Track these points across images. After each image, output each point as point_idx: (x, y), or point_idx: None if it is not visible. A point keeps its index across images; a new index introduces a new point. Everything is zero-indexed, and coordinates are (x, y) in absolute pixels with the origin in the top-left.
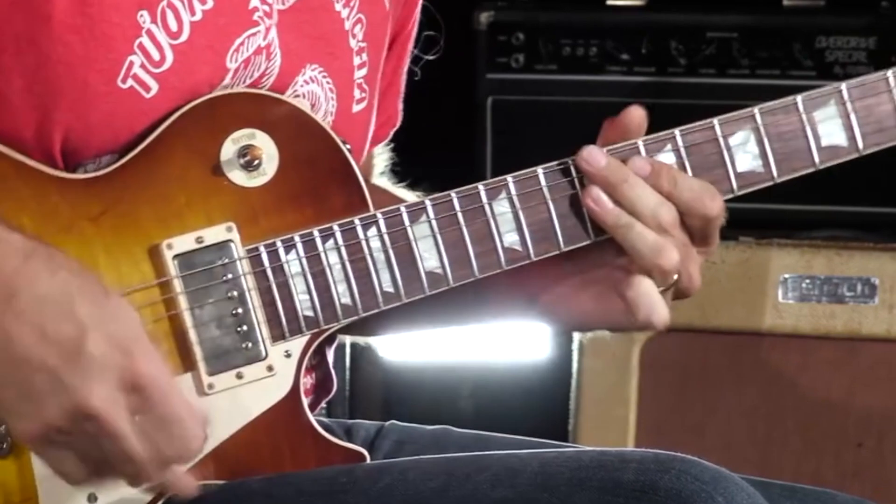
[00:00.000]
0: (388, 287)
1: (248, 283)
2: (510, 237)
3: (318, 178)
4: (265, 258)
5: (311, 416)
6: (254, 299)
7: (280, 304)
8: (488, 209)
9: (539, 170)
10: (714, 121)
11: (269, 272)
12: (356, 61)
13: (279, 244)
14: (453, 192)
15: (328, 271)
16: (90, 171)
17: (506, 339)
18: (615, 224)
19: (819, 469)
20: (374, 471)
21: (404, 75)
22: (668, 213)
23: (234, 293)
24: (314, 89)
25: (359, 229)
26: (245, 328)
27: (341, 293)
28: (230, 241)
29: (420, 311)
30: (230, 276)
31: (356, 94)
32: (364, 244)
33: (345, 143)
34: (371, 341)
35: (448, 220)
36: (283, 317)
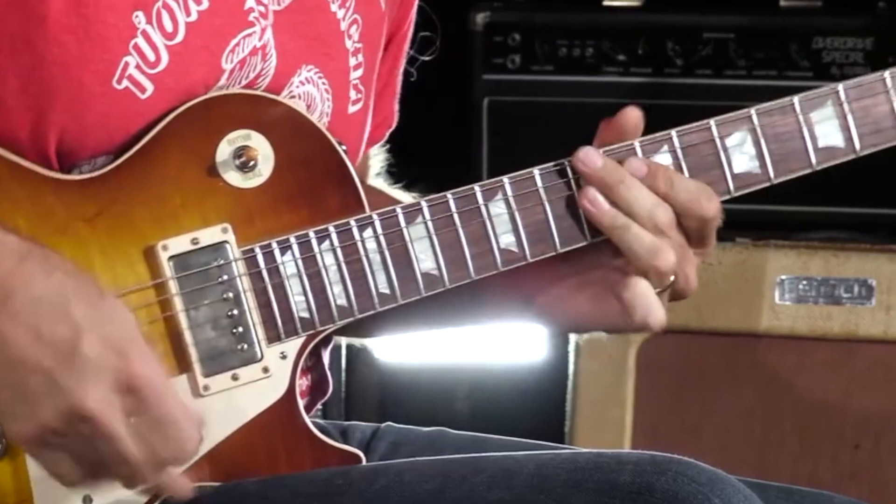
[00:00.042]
0: (384, 288)
1: (244, 285)
2: (506, 238)
3: (313, 179)
4: (261, 259)
5: (306, 418)
6: (249, 301)
7: (276, 306)
8: (484, 210)
9: (535, 171)
10: (711, 122)
11: (264, 273)
12: (352, 62)
13: (275, 245)
14: (449, 194)
15: (324, 272)
16: (85, 172)
17: (502, 341)
18: (611, 225)
19: (816, 471)
20: (370, 472)
21: (400, 76)
22: (665, 215)
23: (230, 294)
24: (310, 90)
25: (355, 230)
26: (240, 329)
27: (337, 294)
28: (226, 242)
29: (416, 313)
30: (226, 278)
31: (352, 94)
32: (360, 245)
33: (340, 143)
34: (367, 342)
35: (444, 221)
36: (278, 318)
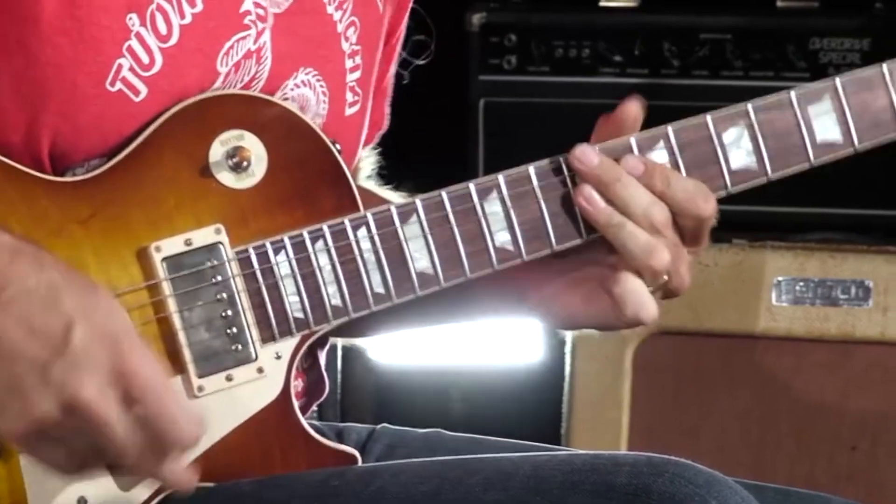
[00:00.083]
0: (379, 288)
1: (238, 285)
2: (502, 237)
3: (307, 180)
4: (254, 260)
5: (301, 418)
6: (243, 301)
7: (270, 306)
8: (479, 209)
9: (530, 168)
10: (707, 117)
11: (258, 274)
12: (348, 64)
13: (268, 246)
14: (444, 192)
15: (318, 273)
16: (79, 175)
17: (498, 342)
18: (607, 223)
19: (813, 472)
20: (366, 473)
21: (392, 79)
22: (661, 213)
23: (224, 295)
24: (305, 92)
25: (349, 230)
26: (235, 330)
27: (331, 294)
28: (219, 243)
29: (410, 310)
30: (219, 279)
31: (349, 97)
32: (354, 245)
33: (334, 143)
34: (361, 342)
35: (439, 220)
36: (272, 319)
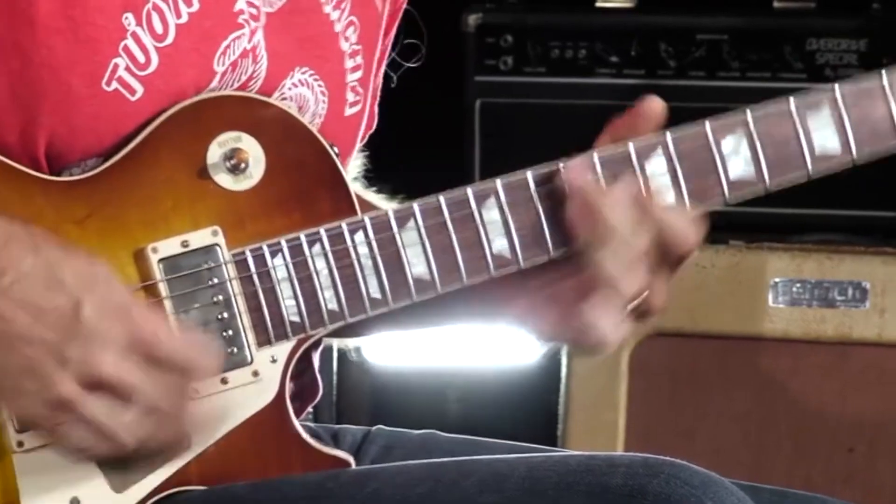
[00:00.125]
0: (376, 293)
1: (234, 288)
2: (499, 243)
3: (305, 182)
4: (251, 263)
5: (296, 423)
6: (239, 304)
7: (266, 310)
8: (477, 215)
9: (528, 173)
10: (706, 126)
11: (255, 277)
12: (349, 64)
13: (265, 249)
14: (442, 197)
15: (315, 277)
16: (75, 175)
17: (494, 343)
18: (588, 241)
19: (810, 474)
20: (361, 476)
21: (381, 79)
22: (643, 239)
23: (220, 297)
24: (303, 92)
25: (346, 234)
26: (230, 333)
27: (328, 299)
28: (216, 245)
29: (401, 312)
30: (216, 281)
31: (349, 97)
32: (351, 249)
33: (332, 146)
34: (355, 343)
35: (436, 225)
36: (268, 322)
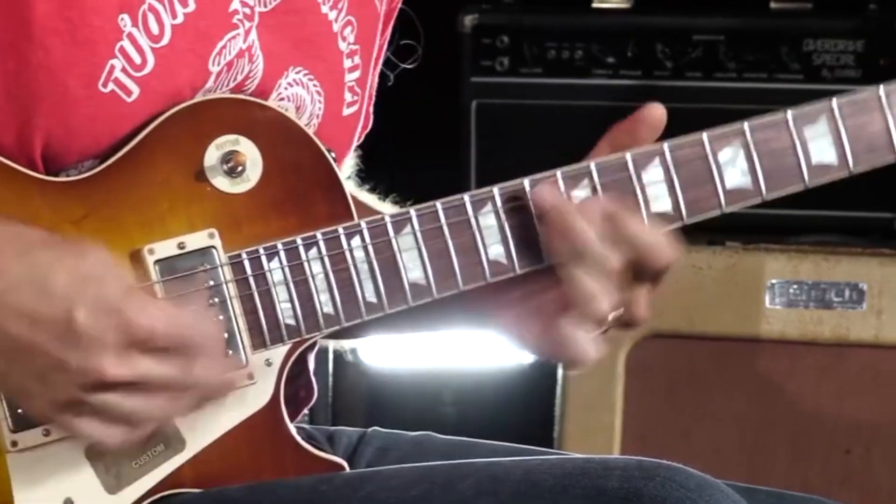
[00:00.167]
0: (372, 297)
1: (230, 291)
2: (495, 250)
3: (302, 186)
4: (247, 266)
5: (290, 426)
6: (235, 307)
7: (262, 313)
8: (474, 221)
9: (525, 182)
10: (704, 136)
11: (251, 280)
12: (347, 64)
13: (262, 252)
14: (438, 203)
15: (311, 280)
16: (72, 176)
17: (490, 345)
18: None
19: (807, 475)
20: (355, 479)
21: (377, 79)
22: (614, 260)
23: (216, 300)
24: (299, 92)
25: (342, 239)
26: (226, 335)
27: (324, 303)
28: (212, 247)
29: (394, 315)
30: (212, 283)
31: (347, 97)
32: (348, 254)
33: (330, 151)
34: (351, 345)
35: (433, 231)
36: (264, 325)
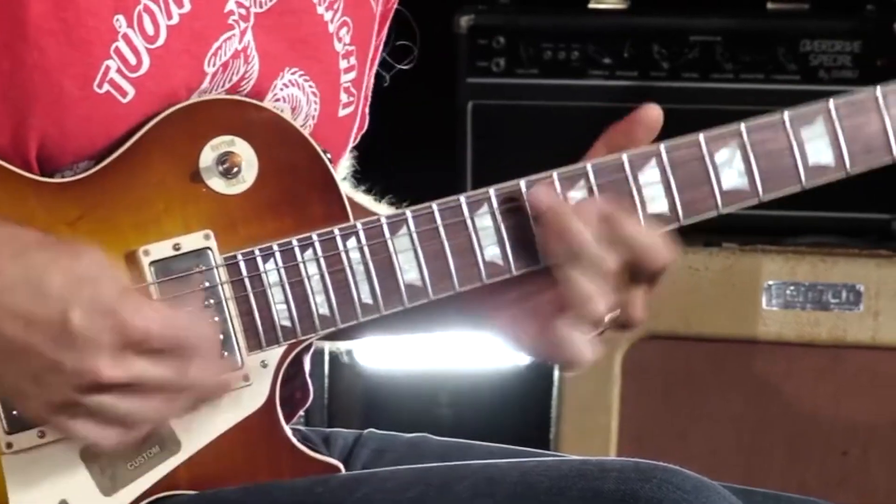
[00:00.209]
0: (367, 299)
1: (225, 292)
2: (491, 251)
3: (297, 187)
4: (243, 267)
5: (286, 428)
6: (230, 308)
7: (257, 314)
8: (470, 223)
9: (522, 183)
10: (700, 137)
11: (246, 281)
12: (343, 65)
13: (257, 253)
14: (434, 205)
15: (306, 282)
16: (67, 177)
17: (486, 346)
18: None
19: (804, 477)
20: (351, 480)
21: (372, 79)
22: (610, 262)
23: (211, 301)
24: (295, 93)
25: (338, 240)
26: (221, 337)
27: (319, 304)
28: (208, 248)
29: (390, 317)
30: (207, 285)
31: (343, 97)
32: (343, 255)
33: (326, 152)
34: (346, 346)
35: (429, 232)
36: (259, 327)
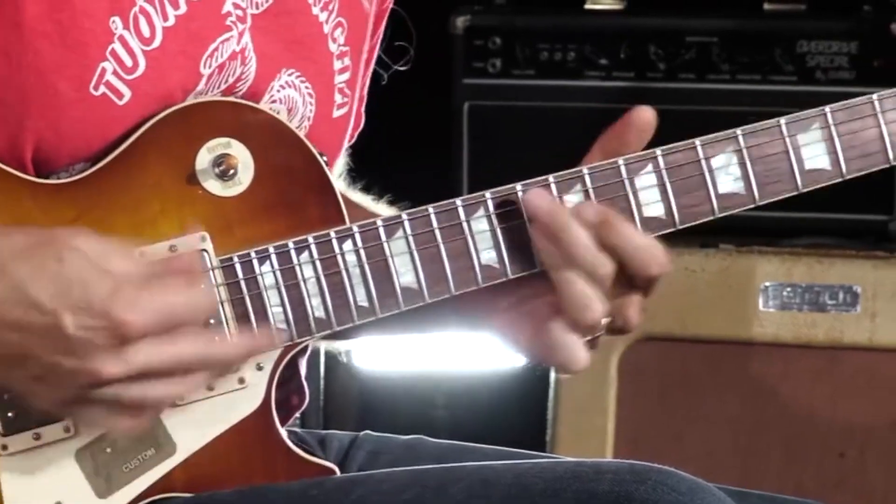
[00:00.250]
0: (363, 301)
1: (221, 294)
2: (487, 254)
3: (293, 189)
4: (239, 269)
5: (281, 431)
6: (226, 310)
7: (253, 317)
8: (466, 226)
9: (518, 187)
10: (696, 142)
11: (242, 283)
12: (337, 66)
13: (253, 255)
14: (431, 208)
15: (302, 284)
16: (63, 179)
17: (482, 348)
18: (551, 265)
19: (801, 479)
20: (347, 483)
21: (368, 79)
22: (604, 267)
23: None
24: (291, 94)
25: (334, 242)
26: (218, 339)
27: (315, 307)
28: (204, 250)
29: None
30: (203, 287)
31: (337, 98)
32: (339, 258)
33: (322, 154)
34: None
35: (425, 236)
36: (255, 329)
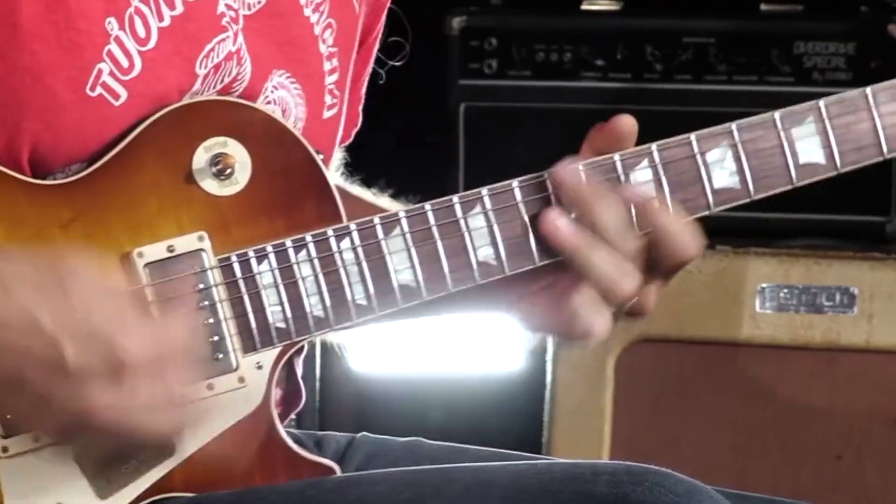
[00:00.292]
0: (362, 300)
1: (220, 294)
2: (484, 251)
3: (291, 188)
4: (237, 268)
5: (281, 430)
6: (225, 310)
7: (252, 316)
8: (463, 223)
9: (515, 183)
10: (692, 136)
11: (240, 283)
12: (327, 66)
13: (251, 254)
14: (428, 205)
15: (301, 283)
16: (59, 180)
17: (478, 350)
18: (573, 252)
19: (797, 481)
20: (344, 483)
21: (366, 81)
22: (635, 241)
23: (206, 303)
24: (283, 95)
25: (332, 241)
26: (216, 338)
27: (314, 305)
28: (202, 250)
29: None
30: (202, 286)
31: (327, 100)
32: (337, 256)
33: (318, 153)
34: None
35: (422, 233)
36: (254, 328)
